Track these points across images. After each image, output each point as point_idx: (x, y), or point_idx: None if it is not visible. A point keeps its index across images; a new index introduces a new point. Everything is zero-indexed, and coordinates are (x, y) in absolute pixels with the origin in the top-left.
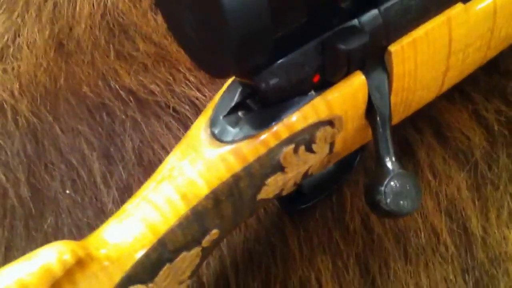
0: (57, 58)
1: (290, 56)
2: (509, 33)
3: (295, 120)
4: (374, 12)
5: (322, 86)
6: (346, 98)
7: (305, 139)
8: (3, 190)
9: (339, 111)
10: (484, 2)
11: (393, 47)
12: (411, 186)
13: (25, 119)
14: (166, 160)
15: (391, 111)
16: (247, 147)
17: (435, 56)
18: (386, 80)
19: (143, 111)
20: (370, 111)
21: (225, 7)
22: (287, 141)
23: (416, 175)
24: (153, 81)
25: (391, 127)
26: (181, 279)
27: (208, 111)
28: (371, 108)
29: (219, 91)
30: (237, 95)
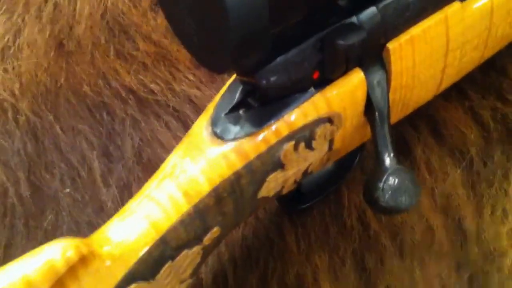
0: (58, 58)
1: (290, 54)
2: (506, 33)
3: (295, 117)
4: (373, 10)
5: (322, 83)
6: (345, 95)
7: (305, 136)
8: (4, 189)
9: (338, 108)
10: (481, 1)
11: (391, 45)
12: (409, 182)
13: (26, 118)
14: (168, 159)
15: (390, 109)
16: (248, 145)
17: (433, 54)
18: (385, 77)
19: (143, 110)
20: (369, 108)
21: (225, 7)
22: (287, 138)
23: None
24: (153, 80)
25: (390, 124)
26: (183, 278)
27: (209, 110)
28: (370, 105)
29: (220, 91)
30: (238, 94)
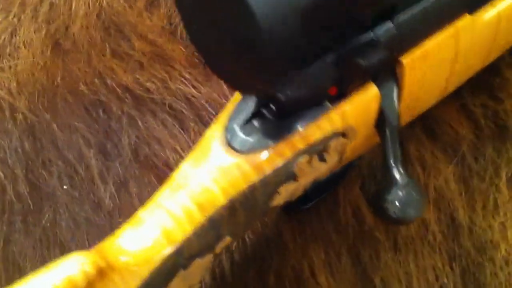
0: (54, 57)
1: (310, 69)
2: (508, 41)
3: (311, 132)
4: (389, 25)
5: (337, 98)
6: (360, 109)
7: (319, 149)
8: (2, 187)
9: (353, 122)
10: (490, 12)
11: (405, 59)
12: (416, 195)
13: (23, 117)
14: (180, 167)
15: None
16: (264, 158)
17: (441, 65)
18: (397, 91)
19: (139, 108)
20: (380, 121)
21: (260, 28)
22: (302, 152)
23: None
24: (149, 79)
25: (399, 137)
26: (192, 284)
27: (222, 119)
28: (381, 118)
29: (232, 99)
30: (252, 104)
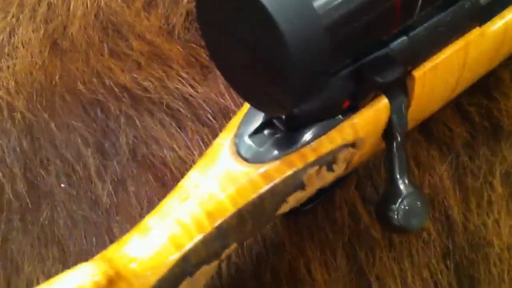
0: (52, 57)
1: None
2: (511, 50)
3: (322, 144)
4: (404, 39)
5: (349, 110)
6: (371, 122)
7: (328, 160)
8: (0, 185)
9: (363, 134)
10: (498, 24)
11: (417, 72)
12: (420, 205)
13: (21, 116)
14: (188, 175)
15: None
16: (274, 169)
17: (450, 77)
18: (406, 102)
19: (137, 107)
20: (387, 131)
21: (290, 48)
22: (313, 164)
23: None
24: (147, 78)
25: (406, 148)
26: None
27: (231, 127)
28: (388, 128)
29: (242, 108)
30: (263, 114)
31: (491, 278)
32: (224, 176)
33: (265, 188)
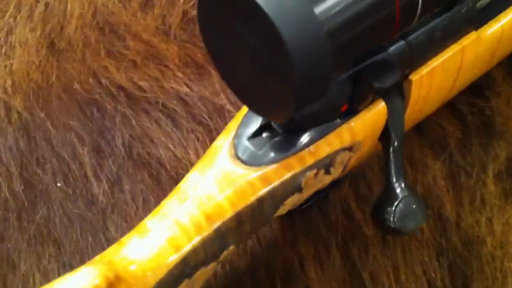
0: (49, 57)
1: None
2: (506, 52)
3: (321, 147)
4: (402, 44)
5: (347, 114)
6: (368, 125)
7: (326, 164)
8: None
9: (361, 138)
10: (493, 27)
11: (414, 76)
12: (416, 208)
13: (18, 115)
14: (187, 177)
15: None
16: (273, 172)
17: (446, 80)
18: (403, 106)
19: (133, 107)
20: (384, 134)
21: (291, 54)
22: (311, 167)
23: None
24: (143, 78)
25: (402, 152)
26: None
27: (230, 129)
28: (385, 132)
29: (241, 110)
30: (262, 118)
31: (484, 276)
32: (223, 179)
33: (264, 191)
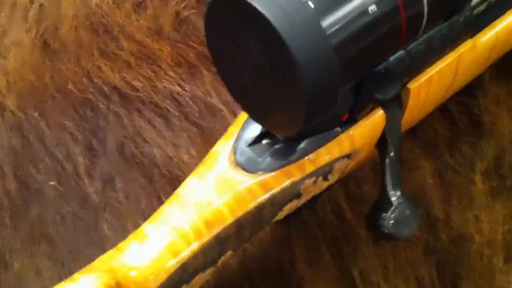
0: (43, 57)
1: None
2: (499, 56)
3: (321, 156)
4: (401, 53)
5: (346, 122)
6: (367, 133)
7: (325, 171)
8: None
9: (359, 145)
10: (489, 34)
11: (412, 85)
12: (411, 214)
13: (12, 115)
14: (187, 183)
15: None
16: (273, 179)
17: (442, 86)
18: (400, 114)
19: (126, 106)
20: (381, 141)
21: (300, 68)
22: (311, 175)
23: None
24: (136, 77)
25: (399, 159)
26: None
27: (230, 135)
28: (382, 139)
29: (240, 115)
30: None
31: (472, 273)
32: (223, 185)
33: (264, 198)
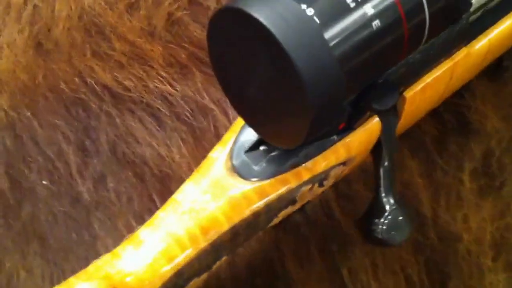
0: (36, 57)
1: None
2: (491, 61)
3: (317, 164)
4: (399, 63)
5: (343, 130)
6: (363, 141)
7: (320, 178)
8: None
9: (355, 153)
10: (482, 42)
11: (408, 93)
12: (404, 220)
13: (5, 114)
14: (183, 189)
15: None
16: (270, 187)
17: (437, 93)
18: (396, 121)
19: (118, 106)
20: (376, 148)
21: (305, 82)
22: (307, 182)
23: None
24: (128, 77)
25: (394, 165)
26: None
27: (227, 141)
28: (378, 146)
29: (237, 121)
30: None
31: (461, 272)
32: (219, 191)
33: (259, 205)
